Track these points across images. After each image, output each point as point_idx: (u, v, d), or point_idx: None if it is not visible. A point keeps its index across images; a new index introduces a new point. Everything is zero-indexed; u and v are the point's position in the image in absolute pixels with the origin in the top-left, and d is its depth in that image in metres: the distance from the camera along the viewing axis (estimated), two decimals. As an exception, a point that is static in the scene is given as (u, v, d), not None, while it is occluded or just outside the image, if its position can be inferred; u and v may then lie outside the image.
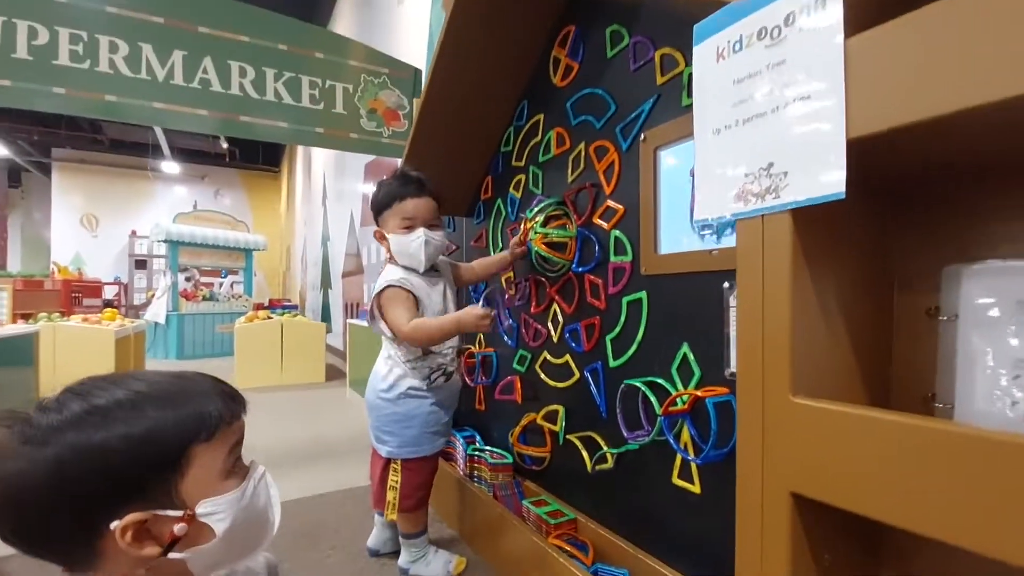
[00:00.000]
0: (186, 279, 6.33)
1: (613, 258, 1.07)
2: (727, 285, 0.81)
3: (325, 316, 6.43)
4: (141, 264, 8.97)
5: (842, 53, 0.46)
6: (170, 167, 8.76)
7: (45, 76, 1.68)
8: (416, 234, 1.17)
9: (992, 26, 0.38)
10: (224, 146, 9.05)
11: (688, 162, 0.85)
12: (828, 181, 0.47)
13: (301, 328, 4.26)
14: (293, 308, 5.16)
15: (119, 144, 8.70)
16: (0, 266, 8.80)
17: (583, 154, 1.16)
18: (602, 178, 1.10)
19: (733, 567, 0.58)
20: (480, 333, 1.61)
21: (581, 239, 1.16)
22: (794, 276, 0.51)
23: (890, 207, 0.62)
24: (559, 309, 1.24)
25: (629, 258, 1.03)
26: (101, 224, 9.07)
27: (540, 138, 1.32)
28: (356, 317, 3.92)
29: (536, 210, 1.21)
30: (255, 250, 6.74)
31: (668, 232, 0.95)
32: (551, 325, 1.28)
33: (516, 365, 1.42)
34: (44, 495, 0.42)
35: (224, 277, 6.93)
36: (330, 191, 6.25)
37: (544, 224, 1.19)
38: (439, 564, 1.26)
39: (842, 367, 0.57)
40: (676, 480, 0.91)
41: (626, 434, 1.00)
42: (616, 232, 1.06)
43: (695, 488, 0.87)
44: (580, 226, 1.16)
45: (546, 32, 1.29)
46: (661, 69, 0.95)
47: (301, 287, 8.28)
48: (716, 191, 0.58)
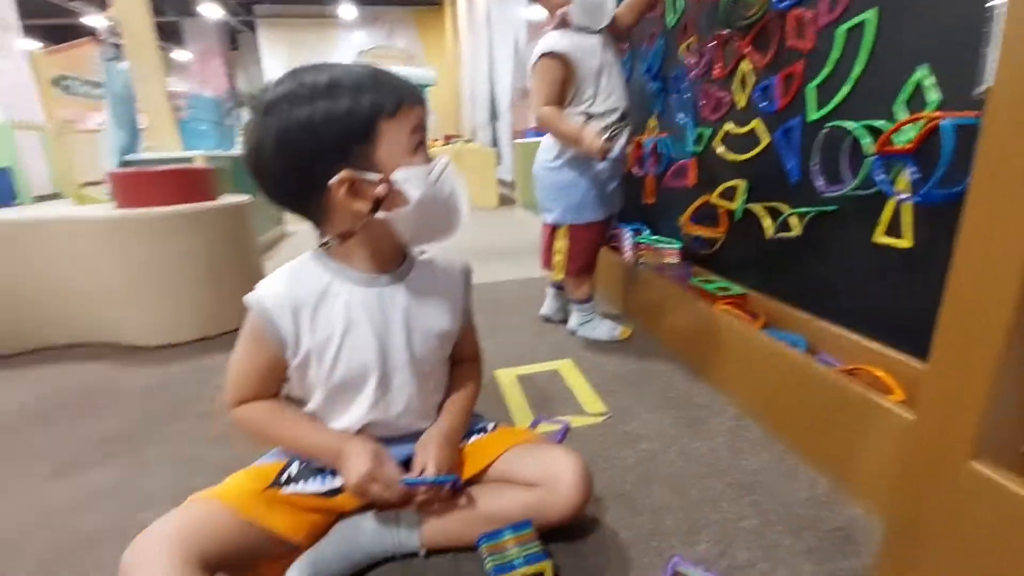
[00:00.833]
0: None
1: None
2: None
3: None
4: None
5: None
6: (346, 11, 9.12)
7: None
8: None
9: None
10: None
11: None
12: None
13: (474, 154, 4.50)
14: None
15: (304, -6, 9.21)
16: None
17: None
18: None
19: (930, 335, 0.51)
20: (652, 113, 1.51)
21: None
22: None
23: None
24: (749, 68, 1.07)
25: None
26: (303, 69, 10.16)
27: None
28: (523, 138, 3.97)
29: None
30: (427, 86, 6.98)
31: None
32: (737, 88, 1.12)
33: (692, 147, 1.31)
34: (276, 158, 0.54)
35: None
36: (493, 20, 5.97)
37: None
38: (605, 328, 1.37)
39: None
40: (879, 238, 0.80)
41: (823, 189, 0.89)
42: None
43: (904, 242, 0.76)
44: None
45: None
46: None
47: (472, 125, 8.53)
48: None
